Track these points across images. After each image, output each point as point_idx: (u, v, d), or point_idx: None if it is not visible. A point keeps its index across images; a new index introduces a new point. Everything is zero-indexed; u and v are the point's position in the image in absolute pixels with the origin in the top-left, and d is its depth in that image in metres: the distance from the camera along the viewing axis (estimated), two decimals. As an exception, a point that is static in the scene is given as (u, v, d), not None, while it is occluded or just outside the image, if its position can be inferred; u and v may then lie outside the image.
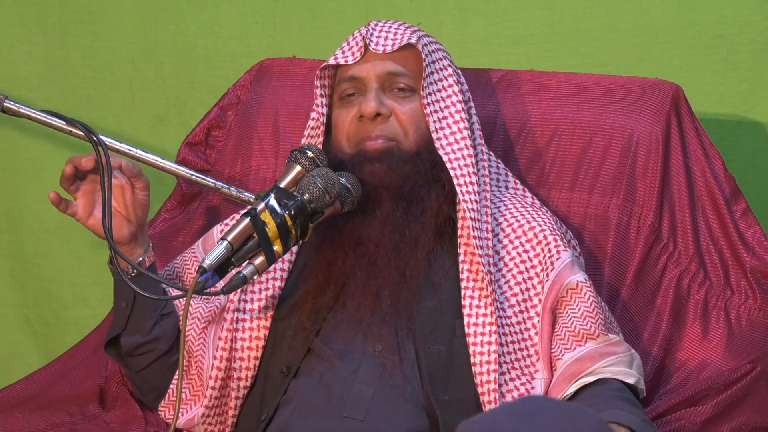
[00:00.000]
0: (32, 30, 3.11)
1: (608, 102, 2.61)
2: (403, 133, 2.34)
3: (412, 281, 2.29)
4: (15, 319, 3.22)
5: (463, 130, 2.34)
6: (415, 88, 2.35)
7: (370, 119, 2.32)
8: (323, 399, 2.24)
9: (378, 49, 2.34)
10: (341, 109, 2.37)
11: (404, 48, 2.35)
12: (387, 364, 2.26)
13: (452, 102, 2.36)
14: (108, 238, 2.29)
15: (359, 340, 2.28)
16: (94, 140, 2.34)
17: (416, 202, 2.31)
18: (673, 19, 2.87)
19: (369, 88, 2.34)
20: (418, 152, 2.33)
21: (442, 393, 2.24)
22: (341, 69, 2.38)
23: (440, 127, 2.34)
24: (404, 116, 2.34)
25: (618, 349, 2.31)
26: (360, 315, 2.29)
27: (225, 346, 2.32)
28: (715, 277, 2.55)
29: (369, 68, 2.35)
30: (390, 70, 2.35)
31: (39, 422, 2.41)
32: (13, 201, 3.17)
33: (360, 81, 2.35)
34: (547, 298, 2.32)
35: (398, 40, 2.34)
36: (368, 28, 2.38)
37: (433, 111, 2.34)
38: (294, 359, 2.30)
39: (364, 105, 2.33)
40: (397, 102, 2.35)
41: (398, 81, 2.35)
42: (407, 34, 2.35)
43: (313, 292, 2.32)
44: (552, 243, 2.35)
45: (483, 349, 2.25)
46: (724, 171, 2.58)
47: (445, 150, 2.32)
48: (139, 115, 3.11)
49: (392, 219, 2.30)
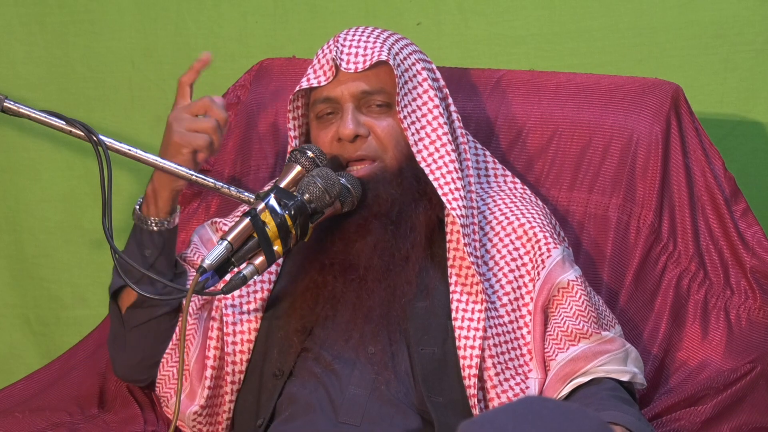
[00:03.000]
0: (32, 30, 3.11)
1: (608, 102, 2.61)
2: (382, 150, 2.33)
3: (403, 297, 2.28)
4: (15, 319, 3.22)
5: (443, 136, 2.32)
6: (391, 103, 2.33)
7: (349, 141, 2.32)
8: (318, 404, 2.24)
9: (350, 68, 2.32)
10: (319, 130, 2.36)
11: (376, 65, 2.32)
12: (380, 367, 2.25)
13: (429, 109, 2.34)
14: (108, 239, 2.28)
15: (352, 342, 2.27)
16: (94, 140, 2.34)
17: (404, 221, 2.31)
18: (673, 19, 2.87)
19: (345, 109, 2.33)
20: (401, 169, 2.32)
21: (436, 395, 2.24)
22: (316, 89, 2.36)
23: (419, 139, 2.32)
24: (383, 133, 2.33)
25: (612, 346, 2.31)
26: (351, 329, 2.28)
27: (217, 345, 2.32)
28: (715, 277, 2.55)
29: (343, 89, 2.33)
30: (364, 89, 2.33)
31: (39, 422, 2.40)
32: (13, 201, 3.17)
33: (335, 101, 2.34)
34: (539, 297, 2.32)
35: (368, 57, 2.31)
36: (337, 45, 2.35)
37: (411, 123, 2.32)
38: (286, 362, 2.29)
39: (341, 128, 2.32)
40: (375, 119, 2.33)
41: (373, 99, 2.33)
42: (377, 49, 2.32)
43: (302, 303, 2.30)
44: (542, 240, 2.34)
45: (466, 353, 2.25)
46: (724, 171, 2.58)
47: (427, 162, 2.31)
48: (138, 115, 3.11)
49: (382, 243, 2.29)
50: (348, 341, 2.27)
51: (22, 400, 2.53)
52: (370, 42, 2.34)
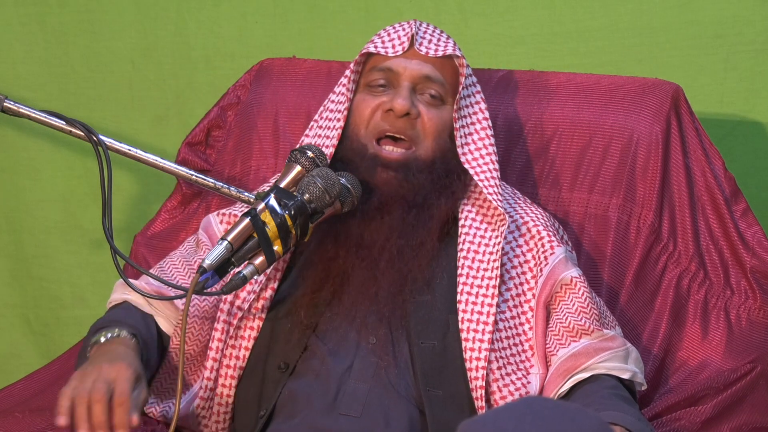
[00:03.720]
0: (32, 30, 3.11)
1: (608, 102, 2.61)
2: (423, 137, 2.34)
3: (412, 283, 2.29)
4: (14, 319, 3.22)
5: (489, 146, 2.37)
6: (445, 99, 2.36)
7: (398, 116, 2.32)
8: (319, 396, 2.24)
9: (422, 50, 2.35)
10: (366, 95, 2.37)
11: (447, 57, 2.36)
12: (381, 359, 2.26)
13: (478, 119, 2.39)
14: (108, 239, 2.28)
15: (354, 333, 2.28)
16: (94, 140, 2.34)
17: (426, 209, 2.33)
18: (673, 19, 2.87)
19: (402, 85, 2.35)
20: (434, 161, 2.34)
21: (435, 388, 2.25)
22: (376, 57, 2.38)
23: (466, 143, 2.36)
24: (430, 122, 2.35)
25: (613, 344, 2.32)
26: (355, 310, 2.29)
27: (221, 337, 2.32)
28: (715, 277, 2.55)
29: (408, 65, 2.35)
30: (428, 74, 2.35)
31: (39, 422, 2.40)
32: (12, 201, 3.17)
33: (395, 75, 2.35)
34: (541, 293, 2.32)
35: (442, 48, 2.36)
36: (416, 25, 2.39)
37: (462, 126, 2.36)
38: (292, 355, 2.29)
39: (397, 101, 2.33)
40: (426, 107, 2.35)
41: (432, 87, 2.35)
42: (450, 45, 2.37)
43: (311, 285, 2.32)
44: (546, 238, 2.35)
45: (474, 345, 2.26)
46: (724, 171, 2.58)
47: (471, 165, 2.34)
48: (138, 115, 3.11)
49: (400, 225, 2.31)
50: (351, 324, 2.28)
51: (22, 400, 2.54)
52: (444, 37, 2.40)
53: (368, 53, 2.38)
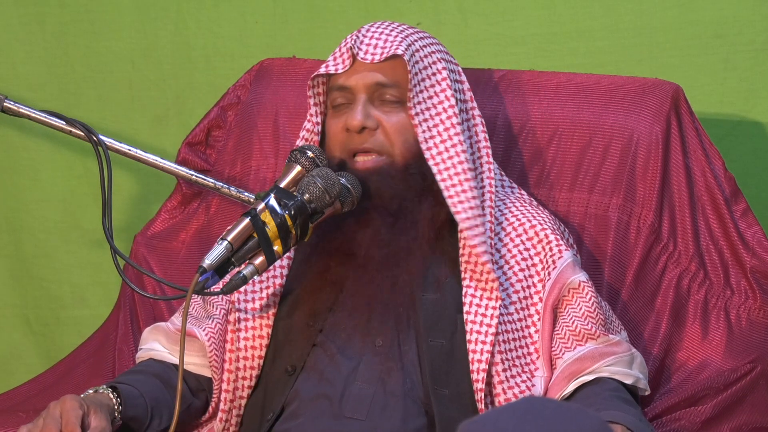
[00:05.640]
0: (32, 30, 3.11)
1: (608, 102, 2.61)
2: (389, 145, 2.32)
3: (405, 288, 2.29)
4: (14, 319, 3.22)
5: (454, 136, 2.31)
6: (403, 99, 2.33)
7: (356, 132, 2.32)
8: (325, 399, 2.24)
9: (366, 59, 2.32)
10: (333, 118, 2.37)
11: (392, 58, 2.32)
12: (387, 360, 2.26)
13: (444, 108, 2.33)
14: (108, 239, 2.28)
15: (359, 336, 2.28)
16: (94, 140, 2.34)
17: (404, 216, 2.31)
18: (673, 19, 2.87)
19: (357, 99, 2.33)
20: (407, 166, 2.32)
21: (442, 387, 2.25)
22: (333, 77, 2.37)
23: (430, 137, 2.32)
24: (391, 129, 2.33)
25: (618, 349, 2.32)
26: (357, 315, 2.29)
27: (233, 348, 2.32)
28: (715, 277, 2.55)
29: (357, 78, 2.33)
30: (378, 81, 2.33)
31: (40, 422, 2.40)
32: (12, 201, 3.17)
33: (349, 91, 2.34)
34: (549, 297, 2.32)
35: (386, 50, 2.32)
36: (359, 34, 2.36)
37: (423, 120, 2.32)
38: (299, 358, 2.29)
39: (350, 118, 2.32)
40: (385, 114, 2.33)
41: (386, 92, 2.33)
42: (396, 42, 2.32)
43: (310, 294, 2.32)
44: (554, 242, 2.35)
45: (477, 347, 2.26)
46: (724, 171, 2.58)
47: (436, 160, 2.30)
48: (138, 115, 3.11)
49: (379, 235, 2.30)
50: (355, 329, 2.28)
51: (25, 399, 2.54)
52: (391, 36, 2.34)
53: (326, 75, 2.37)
